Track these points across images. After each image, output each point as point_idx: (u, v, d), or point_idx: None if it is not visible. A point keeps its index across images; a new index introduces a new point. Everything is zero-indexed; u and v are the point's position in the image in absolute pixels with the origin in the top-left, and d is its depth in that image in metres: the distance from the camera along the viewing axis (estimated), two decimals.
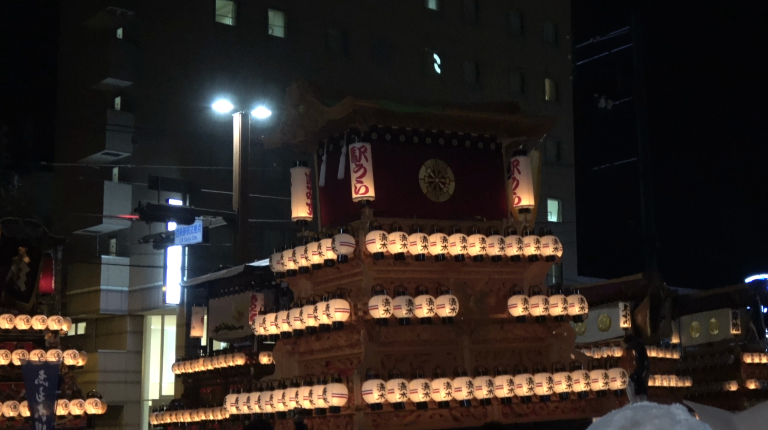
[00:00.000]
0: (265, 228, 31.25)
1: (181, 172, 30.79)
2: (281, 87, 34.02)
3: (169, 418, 19.62)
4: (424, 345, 11.04)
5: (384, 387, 10.09)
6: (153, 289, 32.59)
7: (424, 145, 11.71)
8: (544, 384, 11.02)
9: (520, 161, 12.04)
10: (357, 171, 10.87)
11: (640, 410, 1.45)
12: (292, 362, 11.92)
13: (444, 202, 11.67)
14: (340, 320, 10.57)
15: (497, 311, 11.53)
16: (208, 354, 19.73)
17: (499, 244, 11.27)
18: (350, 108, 10.97)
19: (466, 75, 41.31)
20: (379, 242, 10.50)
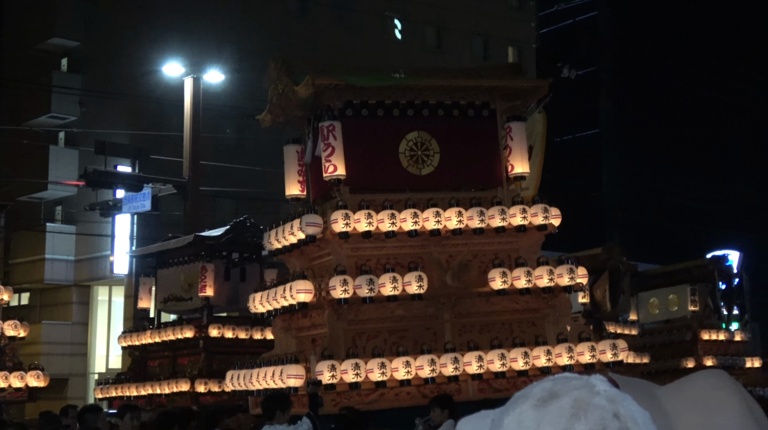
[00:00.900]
0: (218, 196, 30.33)
1: (131, 138, 29.69)
2: (236, 50, 33.10)
3: (114, 391, 19.03)
4: (401, 321, 11.03)
5: (336, 368, 10.17)
6: (100, 258, 31.60)
7: (405, 118, 11.57)
8: (520, 359, 10.85)
9: (513, 128, 11.76)
10: (326, 149, 10.88)
11: (559, 381, 1.41)
12: (289, 338, 12.06)
13: (427, 174, 11.56)
14: (304, 301, 10.69)
15: (482, 284, 11.35)
16: (155, 326, 19.07)
17: (479, 216, 11.03)
18: (312, 87, 10.91)
19: (428, 39, 40.57)
20: (342, 221, 10.51)
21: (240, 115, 29.85)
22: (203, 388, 17.38)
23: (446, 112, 11.75)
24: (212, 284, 18.05)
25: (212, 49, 29.90)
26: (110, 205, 23.78)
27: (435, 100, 11.70)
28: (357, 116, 11.36)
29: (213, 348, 17.93)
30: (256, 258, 19.02)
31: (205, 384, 17.39)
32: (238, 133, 32.93)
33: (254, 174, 31.11)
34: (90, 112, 31.95)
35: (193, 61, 24.51)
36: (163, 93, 27.56)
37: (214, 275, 18.08)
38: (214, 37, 31.86)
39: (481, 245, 11.47)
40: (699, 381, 1.77)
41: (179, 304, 18.91)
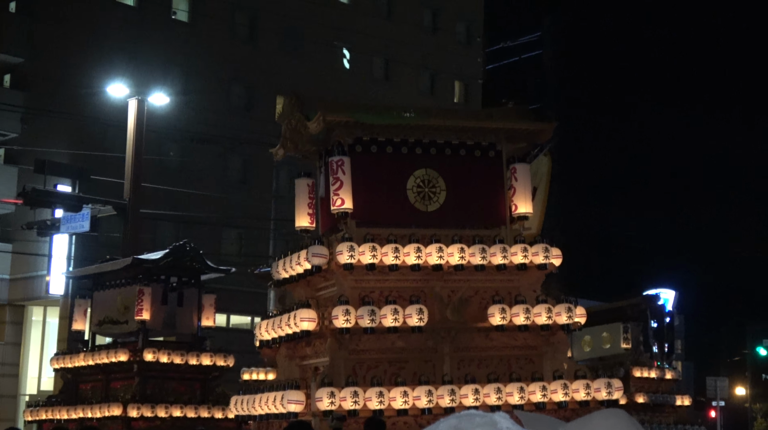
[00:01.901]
0: (159, 219, 30.09)
1: (72, 157, 29.36)
2: (182, 73, 33.01)
3: (44, 414, 18.73)
4: (401, 352, 11.33)
5: (335, 395, 10.46)
6: (36, 278, 31.08)
7: (414, 155, 11.90)
8: (516, 394, 11.21)
9: (518, 169, 12.23)
10: (334, 184, 11.24)
11: (464, 418, 1.55)
12: (292, 366, 12.29)
13: (433, 211, 11.84)
14: (307, 329, 11.08)
15: (481, 319, 11.66)
16: (89, 349, 18.81)
17: (480, 253, 11.46)
18: (323, 123, 11.33)
19: (375, 70, 40.79)
20: (347, 253, 10.95)
21: (184, 139, 29.73)
22: (136, 413, 17.16)
23: (453, 152, 12.12)
24: (149, 308, 17.88)
25: (158, 71, 29.79)
26: (48, 225, 23.45)
27: (443, 140, 12.06)
28: (366, 152, 11.69)
29: (147, 372, 17.74)
30: (195, 283, 18.90)
31: (138, 409, 17.17)
32: (181, 157, 32.75)
33: (196, 198, 30.96)
34: (32, 129, 31.53)
35: (138, 82, 24.39)
36: (107, 113, 27.35)
37: (151, 299, 17.92)
38: (161, 59, 31.77)
39: (481, 282, 11.81)
40: (599, 420, 1.84)
41: (114, 327, 18.70)
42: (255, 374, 19.96)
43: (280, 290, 20.35)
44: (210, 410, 17.95)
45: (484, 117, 12.77)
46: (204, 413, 17.86)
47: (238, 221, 32.55)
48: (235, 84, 35.65)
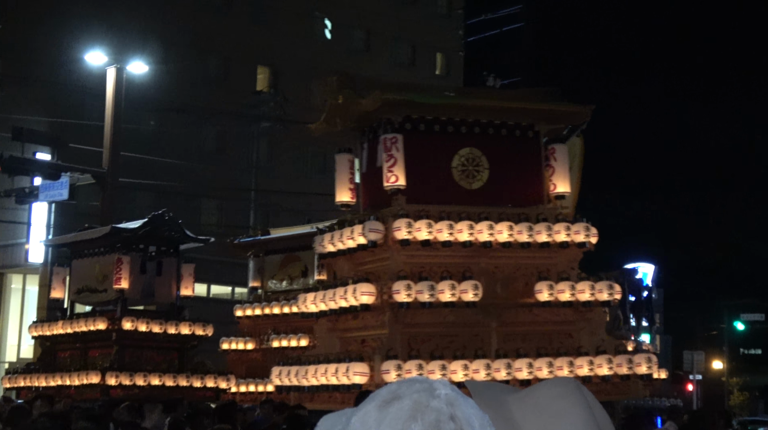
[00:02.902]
0: (138, 189, 30.03)
1: (50, 125, 29.21)
2: (162, 42, 32.83)
3: (22, 382, 18.76)
4: (451, 327, 11.61)
5: (402, 367, 10.79)
6: (15, 246, 31.02)
7: (459, 134, 12.19)
8: (565, 367, 11.55)
9: (557, 149, 12.61)
10: (388, 161, 11.52)
11: (404, 384, 1.46)
12: (333, 338, 12.53)
13: (477, 189, 12.26)
14: (366, 303, 11.30)
15: (525, 295, 12.00)
16: (68, 317, 18.82)
17: (527, 231, 11.80)
18: (379, 101, 11.59)
19: (355, 42, 40.67)
20: (405, 230, 11.19)
21: (162, 109, 29.63)
22: (114, 381, 17.19)
23: (495, 131, 12.39)
24: (127, 277, 17.89)
25: (137, 39, 29.61)
26: (27, 193, 23.36)
27: (485, 119, 12.33)
28: (415, 130, 11.94)
29: (125, 341, 17.75)
30: (173, 252, 18.91)
31: (116, 377, 17.21)
32: (159, 126, 32.65)
33: (174, 168, 30.90)
34: (9, 97, 31.33)
35: (116, 50, 24.25)
36: (85, 82, 27.21)
37: (129, 268, 17.92)
38: (139, 28, 31.55)
39: (524, 259, 12.09)
40: (544, 389, 1.73)
41: (93, 295, 18.71)
42: (234, 343, 20.06)
43: (258, 261, 20.46)
44: (188, 379, 18.02)
45: (523, 98, 13.12)
46: (182, 382, 17.92)
47: (217, 191, 32.53)
48: (212, 55, 35.48)
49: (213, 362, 19.33)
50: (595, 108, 13.02)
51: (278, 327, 19.31)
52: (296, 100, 35.23)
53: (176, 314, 18.73)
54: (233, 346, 19.98)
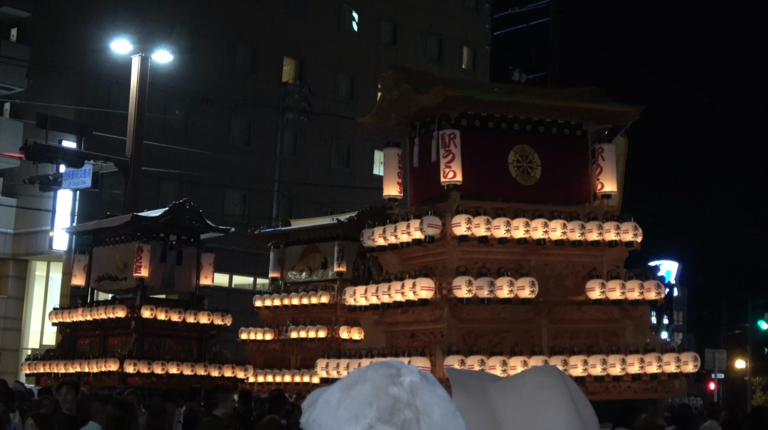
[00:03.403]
0: (163, 178, 30.15)
1: (76, 113, 29.37)
2: (188, 32, 32.91)
3: (42, 368, 18.89)
4: (503, 323, 11.79)
5: (465, 363, 10.87)
6: (39, 233, 31.25)
7: (513, 131, 12.39)
8: (618, 365, 11.71)
9: (605, 149, 12.73)
10: (446, 156, 11.66)
11: (373, 367, 1.46)
12: (378, 332, 12.63)
13: (531, 185, 12.35)
14: (425, 297, 11.38)
15: (575, 293, 12.20)
16: (88, 304, 18.91)
17: (579, 229, 11.99)
18: (441, 97, 11.75)
19: (383, 35, 40.59)
20: (465, 226, 11.36)
21: (188, 98, 29.71)
22: (132, 369, 17.29)
23: (546, 129, 12.59)
24: (147, 265, 17.96)
25: (163, 29, 29.73)
26: (50, 180, 23.47)
27: (537, 117, 12.53)
28: (470, 127, 12.08)
29: (144, 329, 17.84)
30: (194, 241, 18.96)
31: (135, 365, 17.30)
32: (185, 116, 32.74)
33: (199, 158, 30.99)
34: (36, 84, 31.55)
35: (142, 39, 24.31)
36: (111, 70, 27.33)
37: (149, 256, 17.99)
38: (166, 18, 31.66)
39: (574, 256, 12.27)
40: (527, 378, 1.72)
41: (113, 283, 18.80)
42: (253, 334, 20.09)
43: (278, 251, 20.46)
44: (206, 368, 18.08)
45: (572, 97, 13.22)
46: (200, 371, 17.98)
47: (241, 182, 32.59)
48: (239, 45, 35.52)
49: (231, 352, 19.38)
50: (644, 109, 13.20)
51: (297, 318, 19.31)
52: (322, 92, 35.23)
53: (196, 303, 18.78)
54: (252, 336, 20.01)
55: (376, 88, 41.46)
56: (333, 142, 37.49)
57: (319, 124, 33.60)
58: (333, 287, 18.93)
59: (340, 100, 37.41)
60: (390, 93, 12.41)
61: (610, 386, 11.88)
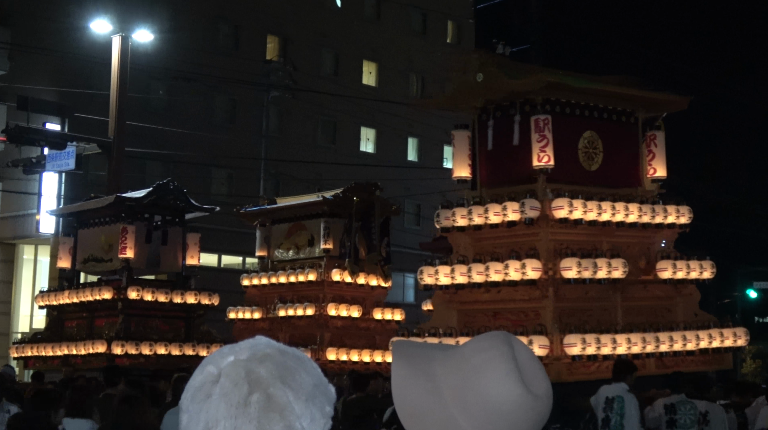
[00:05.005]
0: (148, 158, 30.00)
1: (58, 95, 29.15)
2: (168, 10, 32.63)
3: (30, 351, 18.85)
4: (588, 301, 12.34)
5: (586, 341, 11.55)
6: (26, 216, 31.07)
7: (582, 118, 12.95)
8: (679, 341, 12.52)
9: (657, 136, 13.43)
10: (540, 141, 12.07)
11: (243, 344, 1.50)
12: (450, 311, 13.04)
13: (594, 170, 12.91)
14: (533, 278, 11.83)
15: (641, 272, 12.86)
16: (75, 286, 18.87)
17: (638, 211, 12.64)
18: (541, 83, 12.18)
19: (366, 10, 40.37)
20: (567, 208, 11.92)
21: (169, 77, 29.51)
22: (120, 350, 17.26)
23: (608, 116, 13.18)
24: (133, 246, 17.91)
25: (143, 7, 29.47)
26: (34, 163, 23.32)
27: (601, 104, 13.10)
28: (552, 112, 12.46)
29: (131, 310, 17.81)
30: (179, 221, 18.90)
31: (122, 346, 17.28)
32: (168, 96, 32.53)
33: (183, 137, 30.83)
34: (18, 67, 31.28)
35: (122, 18, 24.10)
36: (92, 50, 27.10)
37: (134, 237, 17.94)
38: None
39: (634, 238, 12.92)
40: (470, 345, 1.69)
41: (99, 265, 18.75)
42: (241, 313, 20.07)
43: (265, 230, 20.40)
44: (195, 348, 18.07)
45: (623, 84, 13.70)
46: (188, 351, 17.97)
47: (226, 160, 32.46)
48: (221, 22, 35.27)
49: (220, 332, 19.35)
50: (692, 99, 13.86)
51: (285, 296, 19.29)
52: (306, 68, 35.05)
53: (182, 283, 18.74)
54: (240, 315, 19.99)
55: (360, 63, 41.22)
56: (319, 119, 37.34)
57: (303, 101, 33.45)
58: (320, 265, 18.91)
59: (324, 76, 37.22)
60: (472, 76, 12.69)
61: (666, 360, 12.55)
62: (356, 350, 18.71)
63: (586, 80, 13.24)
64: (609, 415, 9.51)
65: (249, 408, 1.43)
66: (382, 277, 19.56)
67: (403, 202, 23.90)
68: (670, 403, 9.52)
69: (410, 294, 37.91)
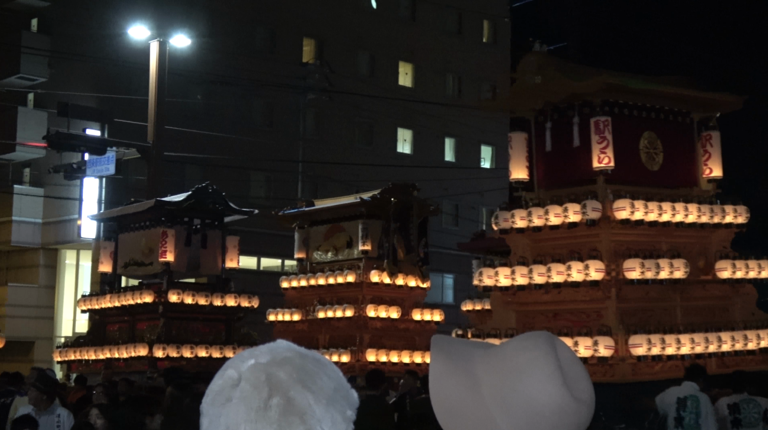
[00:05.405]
0: (187, 163, 30.21)
1: (98, 101, 29.46)
2: (205, 15, 32.83)
3: (73, 355, 19.03)
4: (648, 301, 12.41)
5: (651, 341, 11.66)
6: (68, 222, 31.46)
7: (641, 118, 13.03)
8: (740, 340, 12.60)
9: (712, 135, 13.49)
10: (600, 142, 12.18)
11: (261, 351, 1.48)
12: (508, 312, 13.11)
13: (655, 170, 13.01)
14: (595, 279, 11.93)
15: (700, 272, 12.97)
16: (116, 290, 19.04)
17: (697, 211, 12.70)
18: (602, 85, 12.27)
19: (401, 11, 40.35)
20: (629, 209, 11.98)
21: (208, 81, 29.70)
22: (161, 353, 17.40)
23: (665, 116, 13.27)
24: (172, 250, 18.03)
25: (180, 12, 29.64)
26: (74, 168, 23.58)
27: (659, 105, 13.18)
28: (611, 113, 12.57)
29: (172, 313, 17.94)
30: (218, 224, 19.01)
31: (164, 349, 17.41)
32: (206, 100, 32.74)
33: (221, 141, 31.01)
34: (58, 74, 31.66)
35: (160, 24, 24.28)
36: (130, 56, 27.35)
37: (174, 241, 18.07)
38: (183, 1, 31.58)
39: (692, 237, 13.00)
40: (512, 343, 1.60)
41: (139, 268, 18.90)
42: (280, 315, 20.12)
43: (303, 232, 20.44)
44: (235, 350, 18.13)
45: (681, 86, 13.78)
46: (229, 353, 18.04)
47: (264, 163, 32.59)
48: (258, 26, 35.41)
49: (260, 334, 19.42)
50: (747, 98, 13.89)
51: (324, 298, 19.31)
52: (342, 70, 35.10)
53: (222, 286, 18.84)
54: (279, 317, 20.04)
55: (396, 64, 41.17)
56: (355, 120, 37.39)
57: (340, 103, 33.49)
58: (358, 266, 18.91)
59: (360, 78, 37.25)
60: (531, 79, 12.81)
61: (726, 360, 12.59)
62: (396, 351, 18.69)
63: (643, 81, 13.33)
64: (682, 414, 9.59)
65: (269, 412, 1.42)
66: (420, 278, 19.52)
67: (441, 203, 23.82)
68: (733, 402, 9.62)
69: (449, 295, 37.84)
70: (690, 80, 13.80)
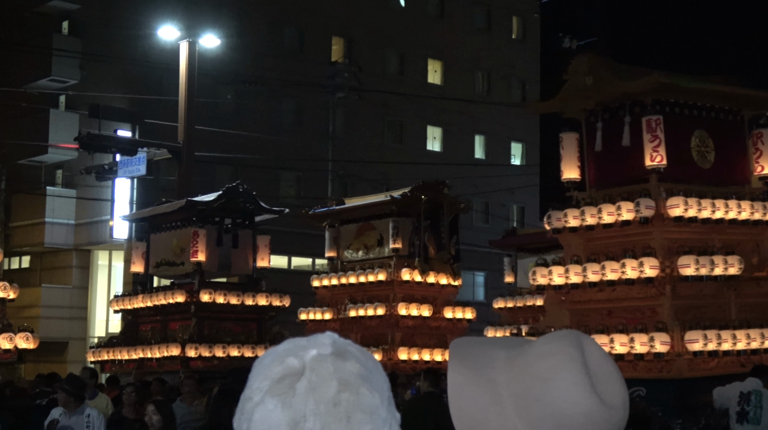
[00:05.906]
0: (216, 163, 30.31)
1: (129, 102, 29.63)
2: (234, 15, 32.93)
3: (106, 355, 19.14)
4: (703, 298, 12.49)
5: (707, 337, 11.77)
6: (100, 223, 31.67)
7: (692, 117, 13.14)
8: None
9: (764, 134, 13.56)
10: (653, 141, 12.30)
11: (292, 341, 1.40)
12: (562, 311, 13.24)
13: (707, 169, 13.14)
14: (650, 276, 12.03)
15: (754, 269, 13.04)
16: (148, 290, 19.12)
17: (750, 209, 12.83)
18: (654, 84, 12.41)
19: (429, 8, 40.27)
20: (682, 207, 12.13)
21: (237, 81, 29.78)
22: (194, 353, 17.44)
23: (716, 115, 13.39)
24: (204, 250, 18.07)
25: (210, 13, 29.76)
26: (106, 169, 23.73)
27: (709, 104, 13.30)
28: (663, 112, 12.62)
29: (204, 313, 17.97)
30: (249, 224, 19.03)
31: (196, 349, 17.45)
32: (235, 100, 32.84)
33: (251, 141, 31.08)
34: (89, 76, 31.86)
35: (189, 24, 24.36)
36: (160, 57, 27.48)
37: (205, 240, 18.10)
38: (212, 1, 31.69)
39: (743, 235, 13.06)
40: (536, 346, 1.51)
41: (171, 268, 18.96)
42: (312, 313, 20.13)
43: (334, 231, 20.44)
44: (267, 349, 18.13)
45: (731, 84, 13.83)
46: (261, 352, 17.97)
47: (294, 163, 32.65)
48: (287, 26, 35.46)
49: (291, 333, 19.40)
50: None
51: (355, 296, 19.29)
52: (371, 69, 35.08)
53: (253, 285, 18.86)
54: (311, 316, 20.05)
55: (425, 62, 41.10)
56: (385, 119, 37.35)
57: (369, 101, 33.48)
58: (389, 264, 18.88)
59: (389, 76, 37.23)
60: (582, 79, 12.90)
61: None
62: (428, 350, 18.64)
63: (694, 80, 13.40)
64: (745, 408, 9.69)
65: (339, 407, 1.34)
66: (451, 275, 19.46)
67: (471, 200, 23.73)
68: None
69: (480, 292, 37.72)
70: (739, 78, 13.87)
